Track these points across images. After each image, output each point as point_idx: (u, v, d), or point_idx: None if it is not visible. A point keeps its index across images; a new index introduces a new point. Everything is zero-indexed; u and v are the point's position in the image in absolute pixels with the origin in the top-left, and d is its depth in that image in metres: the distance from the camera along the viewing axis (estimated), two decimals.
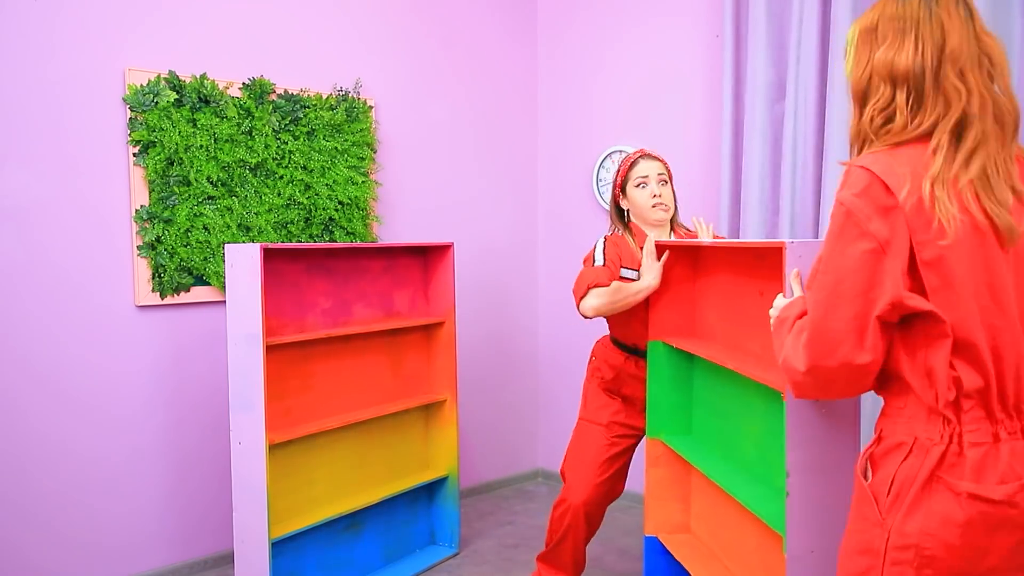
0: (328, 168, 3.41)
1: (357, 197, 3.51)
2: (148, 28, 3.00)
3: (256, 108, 3.20)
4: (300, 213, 3.34)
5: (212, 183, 3.10)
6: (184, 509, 3.15)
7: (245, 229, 3.19)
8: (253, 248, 2.60)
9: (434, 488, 3.44)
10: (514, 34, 4.21)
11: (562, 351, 4.29)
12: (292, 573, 2.88)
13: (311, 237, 3.38)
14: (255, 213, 3.21)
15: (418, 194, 3.84)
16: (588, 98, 4.10)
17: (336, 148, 3.43)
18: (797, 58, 3.09)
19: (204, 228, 3.09)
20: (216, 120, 3.09)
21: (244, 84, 3.20)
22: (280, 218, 3.28)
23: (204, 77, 3.06)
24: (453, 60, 3.96)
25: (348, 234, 3.49)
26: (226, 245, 2.70)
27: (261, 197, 3.22)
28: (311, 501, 2.96)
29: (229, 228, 3.14)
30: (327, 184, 3.41)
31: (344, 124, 3.46)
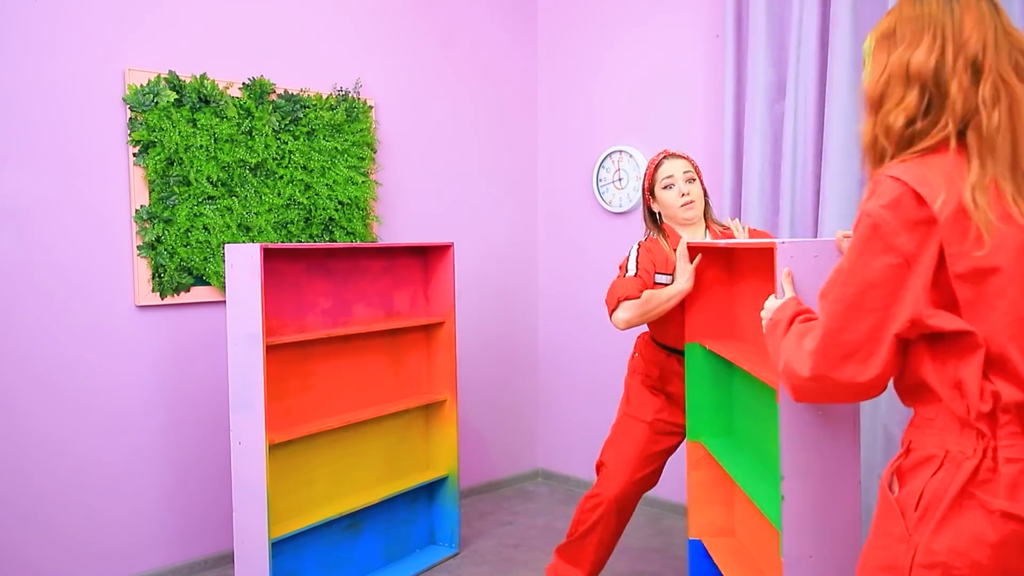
0: (328, 168, 3.41)
1: (357, 197, 3.51)
2: (148, 28, 3.00)
3: (256, 108, 3.20)
4: (300, 213, 3.34)
5: (212, 183, 3.10)
6: (184, 509, 3.15)
7: (245, 229, 3.19)
8: (253, 248, 2.60)
9: (434, 488, 3.44)
10: (514, 34, 4.21)
11: (562, 351, 4.29)
12: (292, 573, 2.88)
13: (311, 237, 3.38)
14: (255, 213, 3.21)
15: (418, 194, 3.84)
16: (588, 98, 4.10)
17: (336, 148, 3.43)
18: (797, 58, 3.09)
19: (204, 228, 3.09)
20: (216, 120, 3.09)
21: (244, 84, 3.20)
22: (280, 218, 3.28)
23: (204, 77, 3.06)
24: (453, 60, 3.96)
25: (348, 234, 3.49)
26: (226, 245, 2.70)
27: (261, 197, 3.22)
28: (311, 501, 2.96)
29: (229, 228, 3.14)
30: (327, 184, 3.41)
31: (344, 124, 3.46)
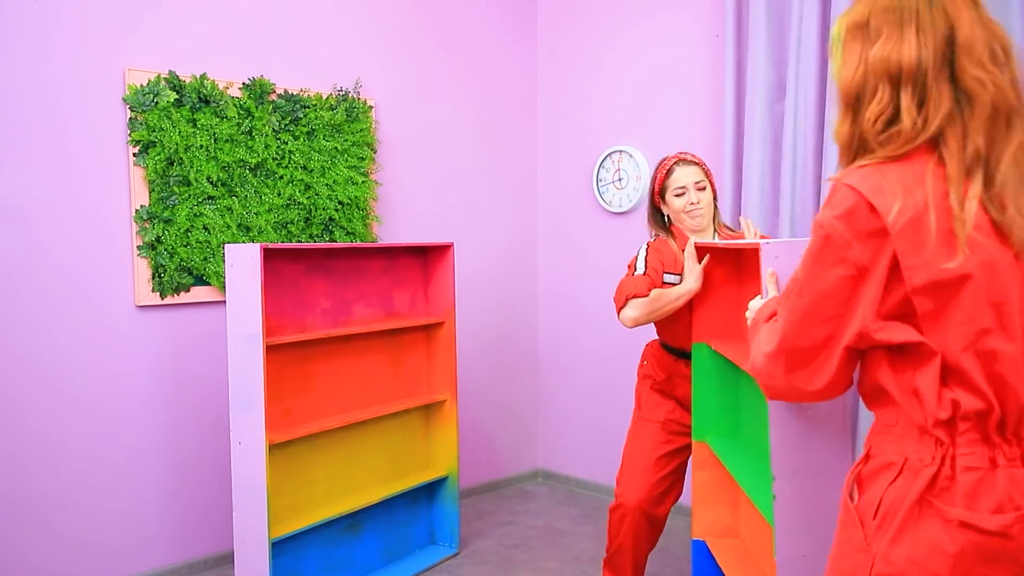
0: (328, 168, 3.41)
1: (357, 197, 3.50)
2: (148, 28, 3.00)
3: (256, 108, 3.20)
4: (300, 213, 3.34)
5: (212, 183, 3.10)
6: (184, 509, 3.15)
7: (245, 229, 3.19)
8: (253, 248, 2.60)
9: (434, 488, 3.44)
10: (514, 34, 4.21)
11: (562, 351, 4.29)
12: (292, 573, 2.88)
13: (311, 237, 3.38)
14: (255, 213, 3.21)
15: (418, 194, 3.84)
16: (588, 98, 4.10)
17: (336, 148, 3.43)
18: (797, 58, 3.09)
19: (204, 228, 3.09)
20: (216, 120, 3.09)
21: (244, 84, 3.20)
22: (280, 218, 3.28)
23: (204, 77, 3.06)
24: (453, 60, 3.96)
25: (348, 234, 3.49)
26: (226, 245, 2.70)
27: (261, 197, 3.22)
28: (311, 501, 2.96)
29: (229, 228, 3.14)
30: (327, 184, 3.41)
31: (344, 124, 3.46)
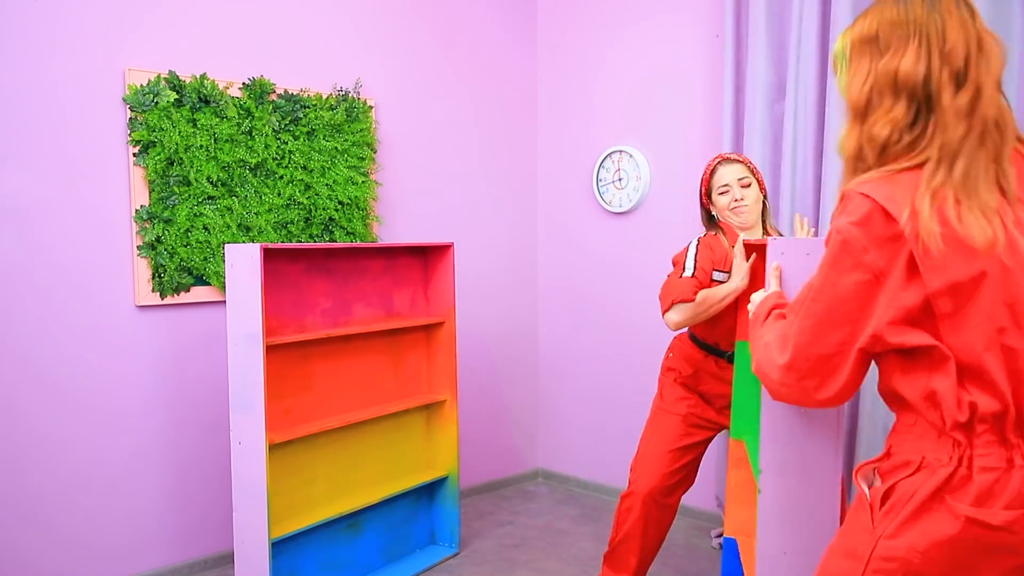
0: (328, 168, 3.41)
1: (357, 197, 3.51)
2: (148, 28, 3.00)
3: (256, 108, 3.20)
4: (300, 213, 3.34)
5: (212, 183, 3.10)
6: (184, 509, 3.15)
7: (245, 229, 3.19)
8: (253, 248, 2.60)
9: (434, 488, 3.44)
10: (514, 34, 4.21)
11: (562, 351, 4.29)
12: (292, 573, 2.88)
13: (311, 237, 3.38)
14: (255, 213, 3.21)
15: (418, 194, 3.84)
16: (588, 98, 4.10)
17: (336, 148, 3.43)
18: (797, 58, 3.09)
19: (204, 228, 3.09)
20: (216, 120, 3.09)
21: (244, 84, 3.20)
22: (280, 218, 3.28)
23: (204, 77, 3.06)
24: (453, 60, 3.96)
25: (348, 234, 3.49)
26: (226, 245, 2.70)
27: (261, 197, 3.22)
28: (311, 501, 2.96)
29: (229, 228, 3.14)
30: (327, 184, 3.41)
31: (344, 124, 3.46)
